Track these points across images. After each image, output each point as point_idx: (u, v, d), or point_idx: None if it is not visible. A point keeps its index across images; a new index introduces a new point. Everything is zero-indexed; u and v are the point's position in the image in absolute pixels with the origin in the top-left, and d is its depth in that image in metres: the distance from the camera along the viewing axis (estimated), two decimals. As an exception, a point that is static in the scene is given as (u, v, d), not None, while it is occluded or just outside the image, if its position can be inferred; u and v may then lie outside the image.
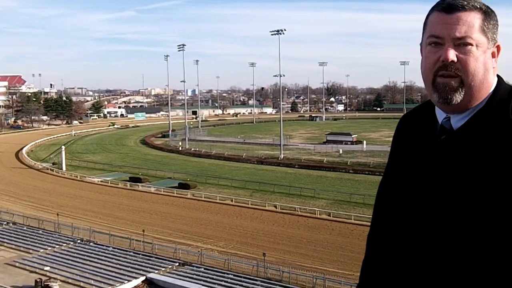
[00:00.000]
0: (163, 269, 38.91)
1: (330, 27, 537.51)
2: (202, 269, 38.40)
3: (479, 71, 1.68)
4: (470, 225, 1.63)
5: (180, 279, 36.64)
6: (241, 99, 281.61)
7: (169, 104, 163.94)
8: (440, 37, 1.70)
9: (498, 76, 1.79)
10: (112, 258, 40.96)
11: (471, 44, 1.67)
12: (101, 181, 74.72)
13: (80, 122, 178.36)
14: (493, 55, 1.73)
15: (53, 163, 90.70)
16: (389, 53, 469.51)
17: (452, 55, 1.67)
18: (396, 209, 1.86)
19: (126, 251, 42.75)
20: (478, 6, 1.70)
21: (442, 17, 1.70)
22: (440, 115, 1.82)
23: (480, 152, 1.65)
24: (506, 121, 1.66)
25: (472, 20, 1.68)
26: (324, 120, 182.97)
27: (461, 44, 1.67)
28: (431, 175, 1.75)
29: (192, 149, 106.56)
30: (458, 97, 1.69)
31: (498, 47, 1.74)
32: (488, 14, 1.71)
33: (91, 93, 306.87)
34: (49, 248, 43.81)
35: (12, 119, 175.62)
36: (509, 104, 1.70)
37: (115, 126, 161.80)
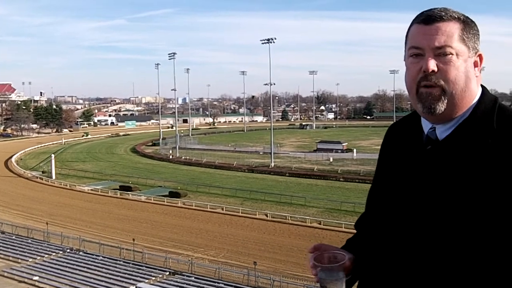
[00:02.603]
0: (153, 278, 38.69)
1: (321, 36, 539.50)
2: (193, 278, 38.23)
3: (460, 80, 1.70)
4: (458, 233, 1.64)
5: (170, 288, 36.50)
6: (232, 108, 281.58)
7: (160, 112, 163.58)
8: (420, 48, 1.72)
9: (482, 86, 1.80)
10: (102, 268, 40.67)
11: (451, 53, 1.69)
12: (91, 190, 74.30)
13: (70, 131, 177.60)
14: (475, 65, 1.75)
15: (43, 172, 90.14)
16: (378, 62, 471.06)
17: (432, 65, 1.68)
18: (384, 216, 1.88)
19: (116, 260, 42.49)
20: (457, 17, 1.72)
21: (421, 28, 1.73)
22: (426, 125, 1.84)
23: (465, 162, 1.67)
24: (491, 131, 1.68)
25: (451, 30, 1.70)
26: (314, 128, 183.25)
27: (441, 53, 1.69)
28: (417, 185, 1.77)
29: (183, 157, 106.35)
30: (441, 106, 1.71)
31: (480, 57, 1.76)
32: (467, 24, 1.74)
33: (81, 101, 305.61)
34: (38, 258, 43.47)
35: (2, 127, 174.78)
36: (494, 114, 1.71)
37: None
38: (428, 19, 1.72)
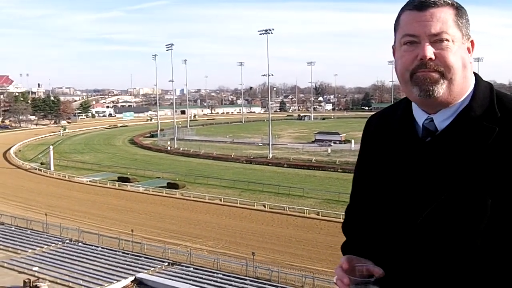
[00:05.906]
0: (152, 269, 38.89)
1: (319, 27, 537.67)
2: (191, 269, 38.42)
3: (459, 66, 1.65)
4: (467, 229, 1.61)
5: (169, 279, 36.64)
6: (230, 99, 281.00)
7: (158, 104, 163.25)
8: (415, 35, 1.66)
9: (475, 73, 1.76)
10: (101, 258, 40.85)
11: (447, 40, 1.65)
12: (89, 181, 74.38)
13: (68, 122, 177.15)
14: (468, 51, 1.71)
15: (41, 163, 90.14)
16: (377, 52, 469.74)
17: (429, 52, 1.63)
18: (386, 218, 1.80)
19: (115, 251, 42.66)
20: (450, 2, 1.68)
21: (414, 15, 1.67)
22: (420, 116, 1.76)
23: (472, 152, 1.62)
24: (495, 119, 1.63)
25: (446, 16, 1.66)
26: (312, 119, 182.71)
27: (438, 40, 1.65)
28: (421, 182, 1.69)
29: (181, 148, 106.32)
30: (440, 89, 1.65)
31: (472, 43, 1.72)
32: (460, 10, 1.70)
33: (79, 92, 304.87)
34: (38, 248, 43.63)
35: (0, 119, 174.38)
36: (494, 101, 1.67)
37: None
38: (421, 5, 1.66)
